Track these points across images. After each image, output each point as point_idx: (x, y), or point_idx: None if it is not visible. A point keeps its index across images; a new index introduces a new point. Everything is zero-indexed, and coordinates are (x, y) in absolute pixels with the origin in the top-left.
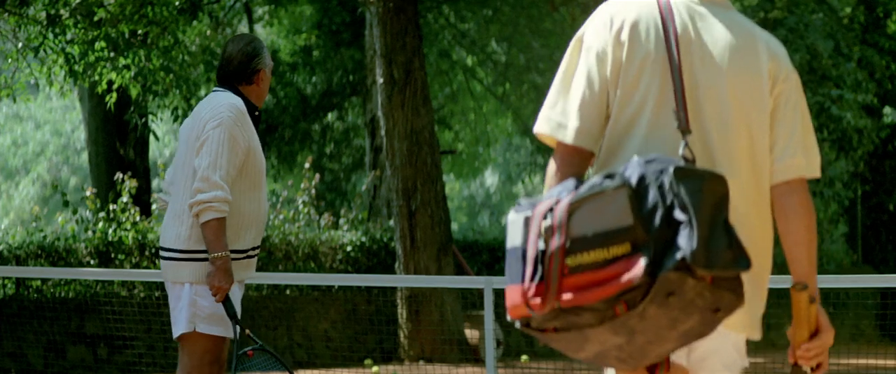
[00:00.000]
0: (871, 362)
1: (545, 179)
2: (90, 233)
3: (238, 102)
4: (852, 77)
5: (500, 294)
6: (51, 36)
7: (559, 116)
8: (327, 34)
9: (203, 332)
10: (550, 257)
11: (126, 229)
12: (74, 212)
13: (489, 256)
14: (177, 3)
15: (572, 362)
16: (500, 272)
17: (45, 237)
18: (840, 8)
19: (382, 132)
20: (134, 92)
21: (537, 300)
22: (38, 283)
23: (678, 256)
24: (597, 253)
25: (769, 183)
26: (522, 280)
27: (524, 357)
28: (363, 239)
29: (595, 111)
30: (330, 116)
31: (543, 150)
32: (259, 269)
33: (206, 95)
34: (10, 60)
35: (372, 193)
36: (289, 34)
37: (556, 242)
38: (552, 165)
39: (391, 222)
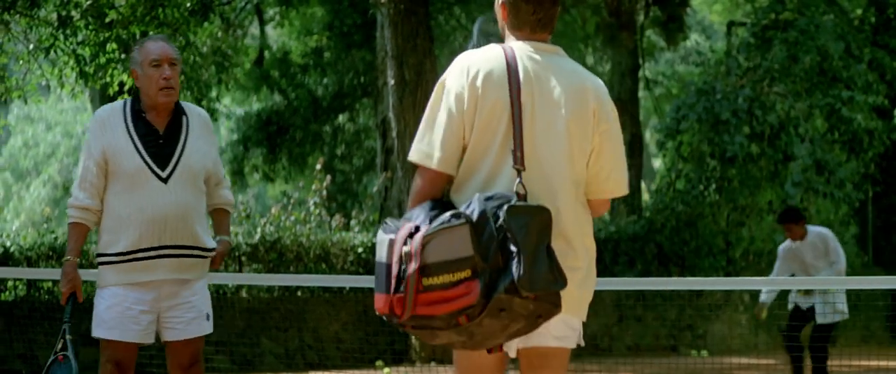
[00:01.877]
0: (883, 363)
1: (411, 196)
2: None
3: (105, 108)
4: (863, 79)
5: None
6: (62, 37)
7: (426, 147)
8: (338, 36)
9: (94, 335)
10: (407, 278)
11: None
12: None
13: None
14: (188, 5)
15: (583, 362)
16: None
17: (56, 239)
18: (851, 9)
19: (393, 134)
20: None
21: (398, 309)
22: (49, 284)
23: (508, 281)
24: (444, 277)
25: (587, 196)
26: (387, 291)
27: None
28: (374, 240)
29: (455, 143)
30: (341, 118)
31: None
32: (270, 270)
33: (217, 96)
34: (21, 62)
35: (383, 194)
36: (300, 35)
37: (412, 266)
38: (417, 185)
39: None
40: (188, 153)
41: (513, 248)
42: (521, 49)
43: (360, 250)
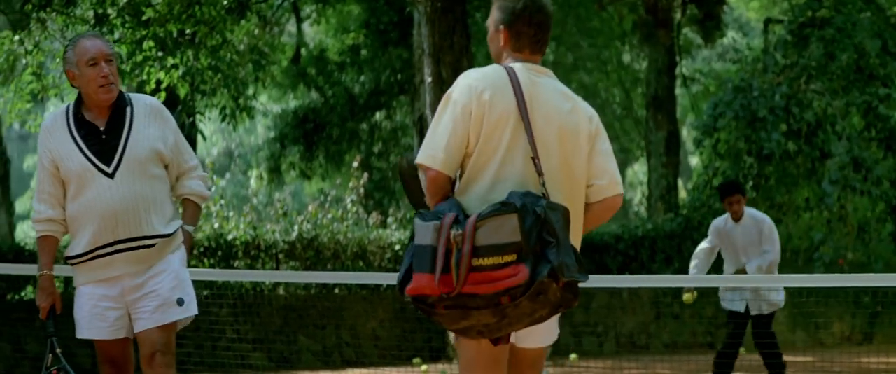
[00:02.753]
0: None
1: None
2: None
3: (50, 116)
4: None
5: None
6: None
7: (432, 150)
8: (375, 33)
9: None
10: (461, 258)
11: None
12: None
13: None
14: (225, 3)
15: (621, 360)
16: None
17: None
18: (888, 7)
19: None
20: (182, 91)
21: (446, 287)
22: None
23: (548, 267)
24: (494, 259)
25: (582, 200)
26: (433, 270)
27: (573, 356)
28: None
29: (458, 149)
30: (378, 115)
31: None
32: (307, 268)
33: (254, 93)
34: (57, 60)
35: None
36: (337, 33)
37: (466, 247)
38: (423, 183)
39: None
40: (133, 144)
41: (549, 238)
42: (520, 69)
43: (397, 247)
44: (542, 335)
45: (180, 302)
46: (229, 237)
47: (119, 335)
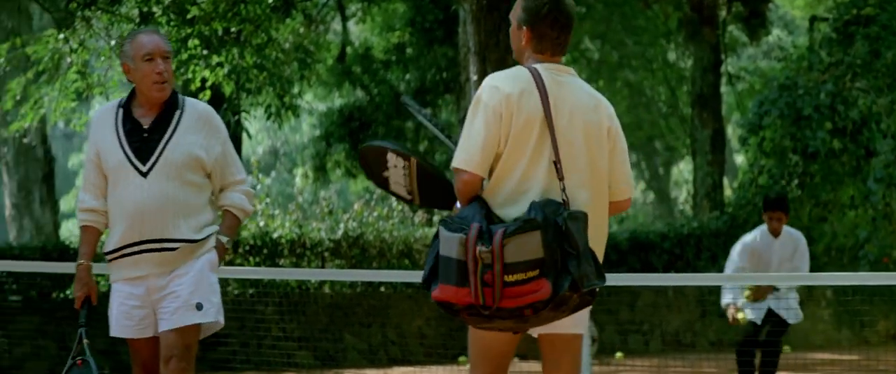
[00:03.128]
0: None
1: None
2: None
3: (103, 107)
4: None
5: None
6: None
7: (466, 154)
8: (420, 31)
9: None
10: (495, 275)
11: None
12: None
13: None
14: (270, 1)
15: (666, 358)
16: None
17: None
18: None
19: None
20: (227, 90)
21: (487, 300)
22: None
23: (570, 279)
24: (519, 275)
25: (607, 197)
26: (461, 284)
27: (618, 355)
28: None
29: (491, 151)
30: None
31: (637, 147)
32: (353, 266)
33: (299, 92)
34: (102, 58)
35: None
36: (382, 31)
37: (497, 266)
38: (457, 187)
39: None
40: (172, 146)
41: (571, 250)
42: (544, 70)
43: None
44: (569, 323)
45: (199, 307)
46: (275, 236)
47: (146, 334)
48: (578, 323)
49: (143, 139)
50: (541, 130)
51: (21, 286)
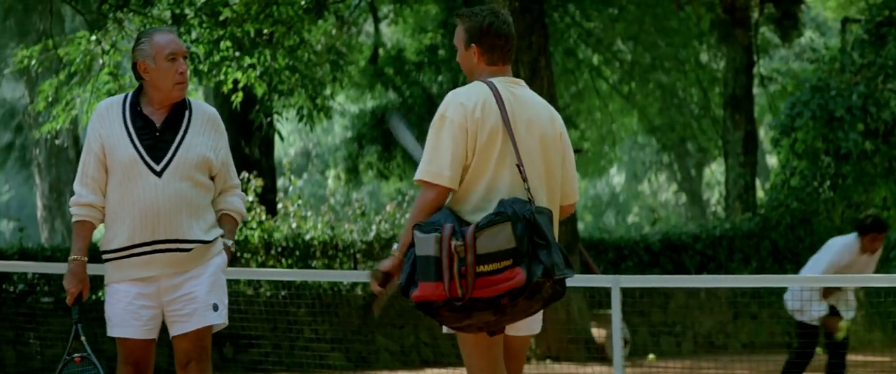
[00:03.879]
0: None
1: (416, 207)
2: None
3: (104, 102)
4: None
5: (627, 293)
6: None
7: (436, 168)
8: (452, 33)
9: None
10: (466, 267)
11: (252, 229)
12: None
13: (616, 255)
14: (302, 3)
15: (699, 360)
16: (628, 271)
17: None
18: None
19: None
20: (259, 91)
21: (456, 292)
22: None
23: (541, 267)
24: (493, 265)
25: (559, 202)
26: (439, 279)
27: (651, 356)
28: None
29: (460, 165)
30: None
31: (669, 149)
32: None
33: (331, 93)
34: None
35: None
36: (414, 33)
37: (469, 257)
38: (426, 199)
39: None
40: (185, 147)
41: (540, 240)
42: (499, 83)
43: None
44: (529, 325)
45: (215, 308)
46: (307, 237)
47: (150, 336)
48: (536, 324)
49: (155, 138)
50: (503, 139)
51: (53, 288)
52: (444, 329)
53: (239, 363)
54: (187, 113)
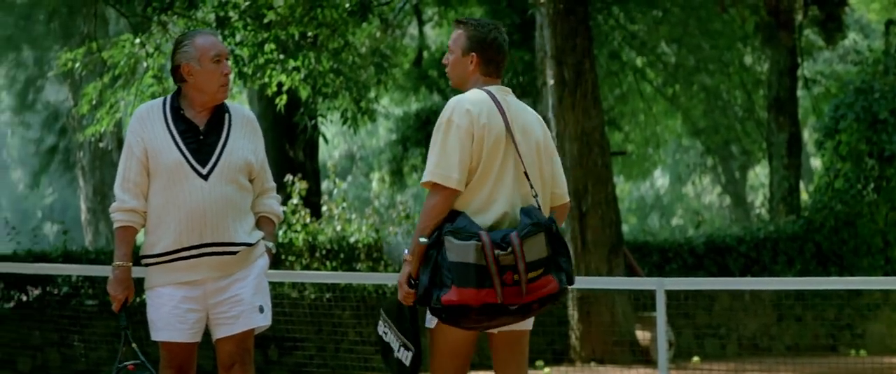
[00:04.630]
0: None
1: (426, 211)
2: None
3: (144, 106)
4: None
5: (672, 295)
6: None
7: (445, 171)
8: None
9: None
10: (521, 273)
11: (296, 231)
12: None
13: (660, 257)
14: (347, 5)
15: (743, 362)
16: (673, 273)
17: None
18: None
19: (553, 134)
20: (303, 94)
21: (513, 298)
22: None
23: (565, 275)
24: (533, 273)
25: (553, 204)
26: (483, 285)
27: (695, 359)
28: None
29: (466, 169)
30: None
31: (713, 151)
32: None
33: (375, 96)
34: None
35: None
36: None
37: (521, 265)
38: (436, 202)
39: (562, 224)
40: (229, 150)
41: (560, 248)
42: (495, 92)
43: None
44: (528, 320)
45: (261, 309)
46: (352, 240)
47: (195, 339)
48: (530, 320)
49: (199, 141)
50: (506, 145)
51: (97, 291)
52: (428, 323)
53: (284, 365)
54: (227, 116)
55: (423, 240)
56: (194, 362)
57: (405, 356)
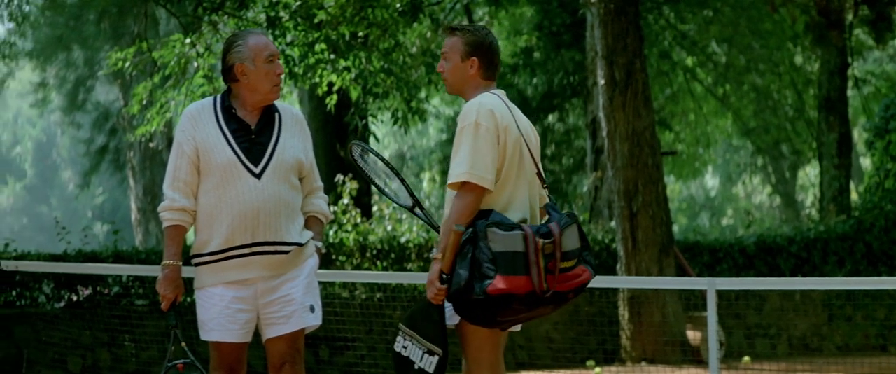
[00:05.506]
0: None
1: (459, 209)
2: None
3: (195, 105)
4: None
5: (722, 295)
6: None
7: (480, 171)
8: (548, 35)
9: (202, 338)
10: (555, 262)
11: (347, 231)
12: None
13: (710, 257)
14: (397, 5)
15: (794, 362)
16: (723, 273)
17: None
18: None
19: (603, 134)
20: (354, 94)
21: (549, 285)
22: None
23: (590, 266)
24: (568, 262)
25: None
26: (528, 273)
27: (746, 359)
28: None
29: (495, 169)
30: (551, 118)
31: (763, 151)
32: None
33: (426, 96)
34: None
35: (593, 194)
36: (509, 36)
37: (558, 253)
38: (468, 201)
39: (613, 224)
40: (281, 149)
41: (585, 242)
42: (502, 96)
43: None
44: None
45: (312, 309)
46: (402, 240)
47: (246, 339)
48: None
49: (251, 140)
50: (522, 147)
51: (147, 291)
52: (450, 323)
53: (335, 365)
54: (277, 115)
55: (458, 228)
56: (244, 362)
57: (429, 363)
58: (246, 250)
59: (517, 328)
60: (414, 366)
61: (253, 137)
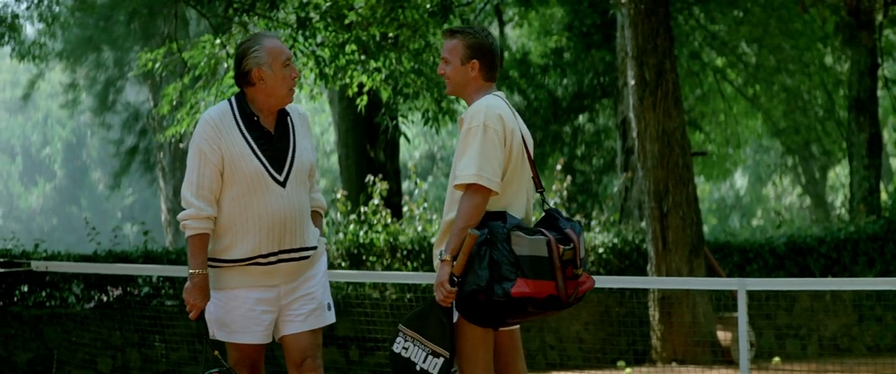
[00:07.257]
0: None
1: (468, 211)
2: (341, 235)
3: (214, 112)
4: None
5: (753, 296)
6: (301, 39)
7: (489, 174)
8: (578, 36)
9: (217, 338)
10: (571, 267)
11: (377, 232)
12: (325, 214)
13: (741, 258)
14: (428, 6)
15: (824, 363)
16: (754, 274)
17: None
18: None
19: (634, 134)
20: (384, 95)
21: (570, 290)
22: None
23: (587, 272)
24: (580, 270)
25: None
26: (554, 278)
27: (776, 359)
28: (615, 241)
29: (501, 170)
30: (581, 118)
31: (794, 152)
32: None
33: (456, 97)
34: None
35: (623, 194)
36: (539, 36)
37: (577, 260)
38: (476, 202)
39: (643, 224)
40: (299, 153)
41: (584, 249)
42: (502, 97)
43: (600, 250)
44: None
45: (329, 307)
46: (432, 240)
47: (268, 340)
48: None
49: (273, 147)
50: (524, 150)
51: (177, 291)
52: (455, 319)
53: (365, 365)
54: (289, 118)
55: (474, 232)
56: (263, 360)
57: (434, 365)
58: (271, 258)
59: (509, 329)
60: (415, 367)
61: (274, 143)
